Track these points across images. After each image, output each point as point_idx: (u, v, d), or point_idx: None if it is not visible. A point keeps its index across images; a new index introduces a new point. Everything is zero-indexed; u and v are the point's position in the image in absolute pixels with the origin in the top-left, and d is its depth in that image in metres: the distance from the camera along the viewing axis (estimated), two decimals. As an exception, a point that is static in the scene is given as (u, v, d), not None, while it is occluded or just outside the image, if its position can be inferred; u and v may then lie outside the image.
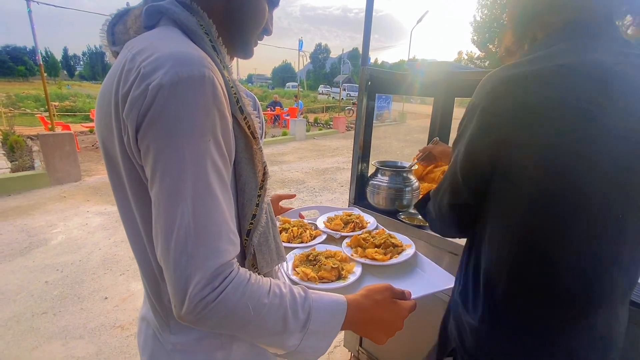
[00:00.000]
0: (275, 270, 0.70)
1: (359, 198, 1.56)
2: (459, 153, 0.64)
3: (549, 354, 0.62)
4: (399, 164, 1.51)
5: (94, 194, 4.78)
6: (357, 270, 0.88)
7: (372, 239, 1.01)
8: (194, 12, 0.53)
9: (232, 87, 0.51)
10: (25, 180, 4.84)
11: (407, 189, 1.39)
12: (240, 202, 0.56)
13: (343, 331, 2.11)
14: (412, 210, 1.43)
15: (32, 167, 5.39)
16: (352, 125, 13.46)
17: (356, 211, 1.26)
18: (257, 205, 0.56)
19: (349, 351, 1.83)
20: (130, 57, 0.46)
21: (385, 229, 1.10)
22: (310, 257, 0.92)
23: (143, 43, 0.47)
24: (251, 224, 0.56)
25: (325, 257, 0.91)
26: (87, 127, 9.29)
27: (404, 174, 1.41)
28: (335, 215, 1.22)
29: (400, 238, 1.03)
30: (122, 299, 2.47)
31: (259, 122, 0.59)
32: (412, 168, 1.44)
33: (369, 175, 1.54)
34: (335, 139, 11.00)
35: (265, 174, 0.57)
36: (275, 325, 0.48)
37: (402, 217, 1.40)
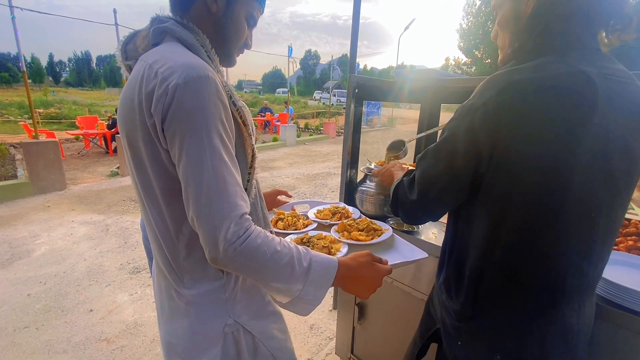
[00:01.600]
0: None
1: (349, 204, 1.57)
2: (454, 149, 0.67)
3: (523, 340, 0.68)
4: (387, 170, 1.52)
5: (80, 203, 4.67)
6: (344, 249, 1.01)
7: (356, 225, 1.16)
8: (190, 30, 0.68)
9: (225, 86, 0.65)
10: (8, 189, 4.70)
11: (395, 194, 1.40)
12: None
13: (335, 338, 2.09)
14: (400, 216, 1.44)
15: (14, 176, 5.25)
16: (342, 131, 13.52)
17: (342, 204, 1.40)
18: (248, 181, 0.70)
19: (340, 359, 1.82)
20: (147, 66, 0.60)
21: (367, 217, 1.24)
22: (304, 240, 1.05)
23: (156, 56, 0.62)
24: None
25: (317, 239, 1.04)
26: (72, 134, 9.10)
27: (392, 180, 1.42)
28: (323, 207, 1.37)
29: (379, 224, 1.18)
30: (108, 310, 2.41)
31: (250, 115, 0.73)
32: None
33: (357, 181, 1.54)
34: (326, 144, 11.04)
35: (253, 155, 0.71)
36: (285, 269, 0.61)
37: (391, 222, 1.41)
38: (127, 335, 2.16)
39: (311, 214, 1.30)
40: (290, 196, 1.36)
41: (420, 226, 1.40)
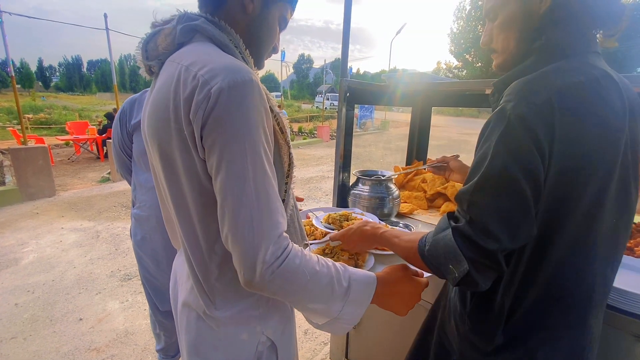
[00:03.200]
0: None
1: (342, 208, 1.57)
2: (507, 165, 0.54)
3: (550, 356, 0.62)
4: (379, 173, 1.53)
5: (69, 210, 4.59)
6: (370, 260, 0.97)
7: None
8: (222, 29, 0.63)
9: (263, 90, 0.60)
10: (-5, 196, 4.60)
11: (387, 197, 1.40)
12: None
13: (330, 343, 2.08)
14: (393, 219, 1.44)
15: (2, 183, 5.14)
16: (335, 134, 13.54)
17: (357, 211, 1.31)
18: (286, 191, 0.65)
19: (335, 363, 1.80)
20: (184, 69, 0.55)
21: (388, 225, 1.11)
22: (326, 251, 1.00)
23: (192, 57, 0.56)
24: None
25: (341, 249, 0.99)
26: (62, 139, 8.96)
27: (385, 183, 1.43)
28: (336, 213, 1.26)
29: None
30: (98, 319, 2.36)
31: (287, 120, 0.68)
32: (393, 177, 1.46)
33: (350, 184, 1.54)
34: (320, 148, 11.05)
35: (290, 164, 0.66)
36: (325, 290, 0.57)
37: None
38: (117, 344, 2.12)
39: (317, 222, 1.16)
40: (301, 199, 1.25)
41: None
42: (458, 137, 13.50)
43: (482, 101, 1.73)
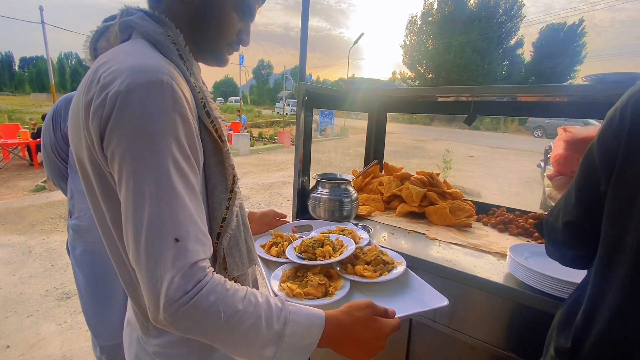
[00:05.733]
0: (248, 274, 0.69)
1: (302, 211, 1.56)
2: (577, 170, 0.63)
3: None
4: (339, 176, 1.54)
5: (-5, 223, 4.06)
6: (345, 287, 0.84)
7: (363, 256, 0.97)
8: (161, 23, 0.57)
9: (198, 92, 0.55)
10: None
11: (346, 200, 1.42)
12: (210, 205, 0.57)
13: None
14: (352, 221, 1.46)
15: None
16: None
17: (350, 226, 1.21)
18: (227, 208, 0.58)
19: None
20: (94, 70, 0.49)
21: (377, 245, 1.06)
22: (298, 273, 0.90)
23: (107, 56, 0.51)
24: (221, 226, 0.58)
25: (313, 274, 0.88)
26: (-13, 144, 7.92)
27: (344, 186, 1.44)
28: (328, 230, 1.16)
29: (392, 255, 0.99)
30: (30, 345, 2.09)
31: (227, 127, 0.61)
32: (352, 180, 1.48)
33: (310, 188, 1.54)
34: (281, 153, 10.97)
35: (234, 176, 0.60)
36: (248, 333, 0.48)
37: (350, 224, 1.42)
38: (53, 371, 1.89)
39: (290, 250, 1.00)
40: (284, 216, 1.19)
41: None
42: (413, 143, 14.21)
43: (433, 107, 1.83)
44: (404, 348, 1.22)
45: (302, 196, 1.55)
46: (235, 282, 0.62)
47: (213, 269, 0.49)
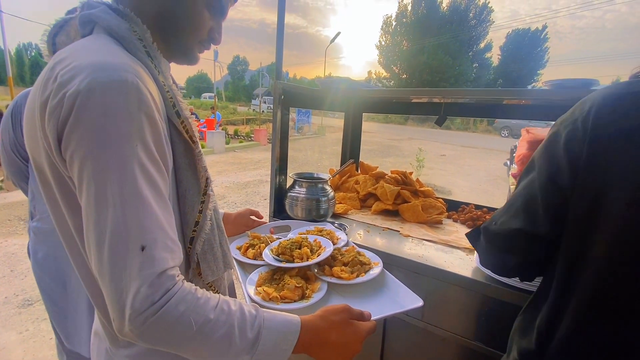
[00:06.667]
0: (224, 279, 0.67)
1: (279, 210, 1.56)
2: (538, 176, 0.60)
3: None
4: (315, 175, 1.55)
5: (-57, 227, 3.73)
6: (322, 289, 0.84)
7: (340, 257, 0.97)
8: (126, 18, 0.53)
9: (167, 91, 0.52)
10: None
11: (323, 198, 1.43)
12: (182, 209, 0.55)
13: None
14: (329, 220, 1.48)
15: None
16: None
17: (328, 226, 1.22)
18: (200, 212, 0.56)
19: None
20: (51, 67, 0.46)
21: (355, 245, 1.07)
22: (275, 276, 0.89)
23: (66, 52, 0.47)
24: (194, 231, 0.56)
25: (290, 276, 0.87)
26: None
27: (321, 185, 1.46)
28: (306, 230, 1.16)
29: (369, 255, 1.00)
30: (-14, 357, 1.95)
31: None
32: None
33: (287, 187, 1.54)
34: (257, 151, 10.84)
35: (207, 179, 0.58)
36: (221, 343, 0.46)
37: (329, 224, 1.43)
38: (13, 383, 1.78)
39: (267, 253, 0.98)
40: (261, 217, 1.17)
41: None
42: (388, 142, 14.50)
43: (407, 108, 1.89)
44: (379, 343, 1.25)
45: (279, 195, 1.55)
46: (210, 287, 0.61)
47: (183, 277, 0.48)
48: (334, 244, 1.04)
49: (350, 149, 2.11)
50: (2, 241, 3.47)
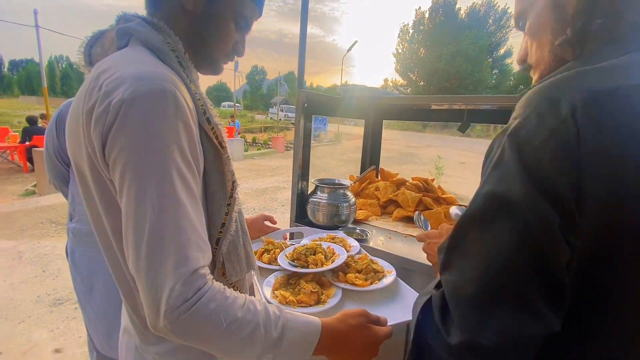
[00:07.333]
0: (245, 279, 0.70)
1: (300, 216, 1.58)
2: (521, 225, 0.38)
3: None
4: (337, 182, 1.58)
5: (-17, 228, 3.98)
6: (337, 295, 0.86)
7: (354, 264, 0.99)
8: (160, 30, 0.57)
9: (198, 99, 0.55)
10: None
11: (344, 204, 1.45)
12: (209, 211, 0.57)
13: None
14: (350, 225, 1.49)
15: None
16: (291, 145, 13.62)
17: (340, 234, 1.23)
18: (227, 214, 0.58)
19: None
20: (95, 76, 0.49)
21: (368, 254, 1.08)
22: (290, 281, 0.91)
23: (108, 63, 0.50)
24: (220, 232, 0.58)
25: (306, 281, 0.90)
26: (-26, 148, 7.76)
27: (342, 191, 1.48)
28: (319, 237, 1.19)
29: (382, 264, 1.01)
30: (22, 352, 2.05)
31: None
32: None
33: (308, 193, 1.57)
34: (275, 158, 10.99)
35: (234, 182, 0.60)
36: (247, 341, 0.48)
37: (341, 232, 1.45)
38: (46, 378, 1.87)
39: (282, 258, 1.00)
40: (274, 222, 1.19)
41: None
42: (405, 149, 14.37)
43: (428, 115, 1.89)
44: (402, 350, 1.25)
45: (301, 201, 1.58)
46: (233, 287, 0.63)
47: (212, 277, 0.50)
48: (346, 252, 1.05)
49: (370, 156, 2.12)
50: (35, 243, 3.65)
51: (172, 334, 0.45)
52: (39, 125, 7.42)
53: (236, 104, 13.28)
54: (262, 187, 6.88)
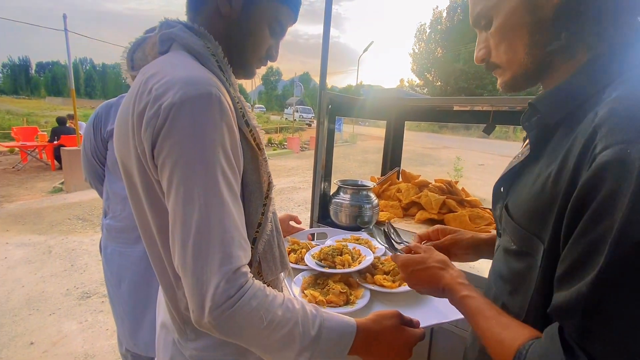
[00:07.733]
0: (280, 279, 0.71)
1: (322, 216, 1.59)
2: None
3: None
4: (359, 183, 1.58)
5: (15, 223, 4.18)
6: (365, 296, 0.86)
7: (381, 265, 0.98)
8: (201, 35, 0.58)
9: (237, 102, 0.56)
10: None
11: (367, 206, 1.45)
12: (246, 210, 0.58)
13: None
14: (372, 227, 1.49)
15: None
16: (306, 146, 13.67)
17: (364, 235, 1.23)
18: (263, 214, 0.60)
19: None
20: (143, 81, 0.51)
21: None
22: (318, 281, 0.92)
23: (155, 68, 0.53)
24: (257, 232, 0.59)
25: (334, 282, 0.90)
26: (7, 146, 8.18)
27: (365, 192, 1.48)
28: (343, 238, 1.19)
29: None
30: (53, 342, 2.15)
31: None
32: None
33: (331, 194, 1.58)
34: (291, 159, 11.06)
35: (270, 183, 0.61)
36: (286, 338, 0.49)
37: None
38: (76, 368, 1.95)
39: (308, 257, 1.01)
40: (299, 222, 1.20)
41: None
42: (422, 150, 14.18)
43: (449, 117, 1.87)
44: (426, 354, 1.24)
45: (323, 201, 1.59)
46: (268, 286, 0.65)
47: (253, 275, 0.51)
48: (372, 253, 1.05)
49: (391, 157, 2.11)
50: (63, 238, 3.81)
51: (215, 330, 0.47)
52: (67, 125, 7.75)
53: (257, 106, 13.43)
54: (278, 187, 6.93)
